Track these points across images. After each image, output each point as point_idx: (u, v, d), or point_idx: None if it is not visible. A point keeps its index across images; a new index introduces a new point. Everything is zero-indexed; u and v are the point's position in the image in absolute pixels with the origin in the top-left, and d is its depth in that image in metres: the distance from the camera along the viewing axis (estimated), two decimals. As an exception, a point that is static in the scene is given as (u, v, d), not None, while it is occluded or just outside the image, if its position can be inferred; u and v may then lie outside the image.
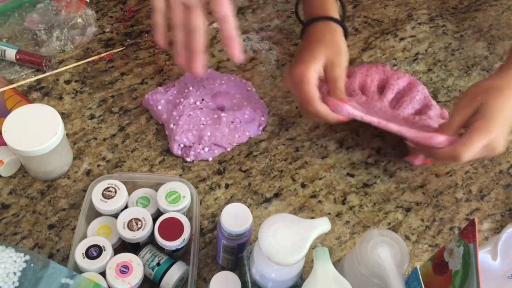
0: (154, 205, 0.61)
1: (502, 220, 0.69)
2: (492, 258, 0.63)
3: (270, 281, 0.51)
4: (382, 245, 0.52)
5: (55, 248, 0.63)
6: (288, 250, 0.47)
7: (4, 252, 0.54)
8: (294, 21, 0.88)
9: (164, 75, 0.79)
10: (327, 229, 0.49)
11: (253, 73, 0.81)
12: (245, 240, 0.57)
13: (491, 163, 0.74)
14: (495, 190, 0.72)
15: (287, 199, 0.69)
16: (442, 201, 0.70)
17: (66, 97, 0.76)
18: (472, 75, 0.84)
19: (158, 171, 0.70)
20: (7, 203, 0.66)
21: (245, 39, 0.84)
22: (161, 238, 0.57)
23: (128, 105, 0.76)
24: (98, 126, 0.73)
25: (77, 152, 0.71)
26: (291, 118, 0.76)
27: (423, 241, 0.67)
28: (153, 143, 0.72)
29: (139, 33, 0.84)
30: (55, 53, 0.79)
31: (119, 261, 0.55)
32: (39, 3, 0.82)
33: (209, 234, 0.65)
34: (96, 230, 0.59)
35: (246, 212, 0.56)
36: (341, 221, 0.68)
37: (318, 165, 0.72)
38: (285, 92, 0.79)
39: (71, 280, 0.52)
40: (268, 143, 0.74)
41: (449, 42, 0.88)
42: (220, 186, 0.69)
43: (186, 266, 0.59)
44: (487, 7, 0.94)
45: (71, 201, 0.66)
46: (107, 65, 0.80)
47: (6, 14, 0.81)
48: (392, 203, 0.70)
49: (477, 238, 0.46)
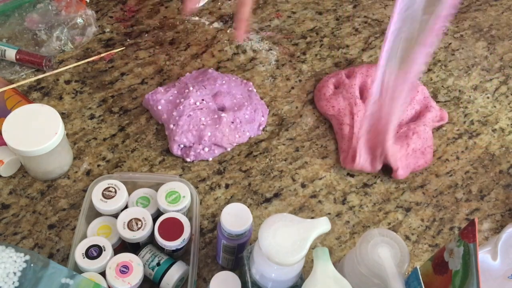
0: (154, 205, 0.61)
1: (502, 220, 0.69)
2: (492, 258, 0.63)
3: (270, 281, 0.51)
4: (382, 245, 0.52)
5: (55, 248, 0.63)
6: (288, 250, 0.47)
7: (4, 252, 0.54)
8: (294, 21, 0.88)
9: (164, 75, 0.79)
10: (327, 229, 0.49)
11: (253, 73, 0.81)
12: (245, 240, 0.57)
13: (491, 163, 0.74)
14: (495, 190, 0.72)
15: (287, 199, 0.69)
16: (442, 201, 0.70)
17: (66, 97, 0.76)
18: (472, 75, 0.84)
19: (158, 171, 0.70)
20: (7, 203, 0.66)
21: (245, 39, 0.84)
22: (161, 238, 0.57)
23: (128, 105, 0.76)
24: (98, 126, 0.73)
25: (77, 152, 0.71)
26: (291, 118, 0.76)
27: (423, 241, 0.67)
28: (153, 143, 0.72)
29: (139, 33, 0.84)
30: (55, 53, 0.79)
31: (119, 261, 0.55)
32: (39, 3, 0.82)
33: (209, 234, 0.65)
34: (96, 230, 0.59)
35: (246, 212, 0.56)
36: (341, 221, 0.68)
37: (318, 165, 0.72)
38: (285, 92, 0.79)
39: (71, 280, 0.52)
40: (268, 143, 0.74)
41: (449, 42, 0.88)
42: (220, 186, 0.69)
43: (186, 266, 0.59)
44: (487, 7, 0.94)
45: (71, 201, 0.66)
46: (107, 65, 0.80)
47: (6, 14, 0.81)
48: (392, 203, 0.70)
49: (477, 238, 0.46)
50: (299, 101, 0.78)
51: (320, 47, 0.85)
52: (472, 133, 0.77)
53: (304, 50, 0.84)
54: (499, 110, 0.80)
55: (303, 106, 0.78)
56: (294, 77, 0.81)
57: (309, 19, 0.89)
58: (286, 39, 0.85)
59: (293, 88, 0.80)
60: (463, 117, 0.79)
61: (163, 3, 0.89)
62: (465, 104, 0.80)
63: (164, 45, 0.83)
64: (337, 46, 0.85)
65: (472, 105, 0.80)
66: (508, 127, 0.78)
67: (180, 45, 0.83)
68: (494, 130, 0.78)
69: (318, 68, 0.82)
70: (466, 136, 0.77)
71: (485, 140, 0.77)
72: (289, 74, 0.81)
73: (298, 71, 0.82)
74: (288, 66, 0.82)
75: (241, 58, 0.82)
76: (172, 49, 0.82)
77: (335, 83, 0.77)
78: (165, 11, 0.88)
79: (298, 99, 0.78)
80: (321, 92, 0.77)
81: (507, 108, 0.81)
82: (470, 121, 0.79)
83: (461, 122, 0.78)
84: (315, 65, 0.83)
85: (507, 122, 0.79)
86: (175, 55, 0.82)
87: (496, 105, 0.81)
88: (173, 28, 0.85)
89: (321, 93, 0.77)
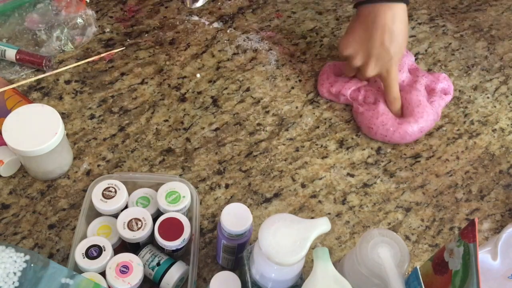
0: (154, 205, 0.61)
1: (502, 220, 0.69)
2: (492, 258, 0.63)
3: (270, 281, 0.51)
4: (382, 245, 0.52)
5: (55, 248, 0.63)
6: (288, 250, 0.47)
7: (4, 252, 0.54)
8: (294, 21, 0.88)
9: (164, 75, 0.79)
10: (327, 229, 0.49)
11: (253, 73, 0.81)
12: (245, 240, 0.57)
13: (491, 163, 0.74)
14: (495, 190, 0.72)
15: (287, 199, 0.69)
16: (442, 201, 0.70)
17: (66, 97, 0.76)
18: (472, 75, 0.84)
19: (158, 171, 0.70)
20: (7, 203, 0.66)
21: (245, 39, 0.84)
22: (161, 238, 0.57)
23: (128, 105, 0.76)
24: (98, 126, 0.73)
25: (77, 152, 0.71)
26: (291, 118, 0.76)
27: (423, 241, 0.67)
28: (153, 143, 0.72)
29: (139, 33, 0.84)
30: (55, 53, 0.79)
31: (119, 261, 0.55)
32: (39, 3, 0.82)
33: (209, 234, 0.65)
34: (96, 230, 0.59)
35: (246, 212, 0.56)
36: (341, 221, 0.68)
37: (318, 165, 0.72)
38: (285, 92, 0.79)
39: (71, 280, 0.52)
40: (268, 143, 0.74)
41: (449, 42, 0.88)
42: (220, 186, 0.69)
43: (186, 266, 0.59)
44: (487, 7, 0.94)
45: (71, 201, 0.66)
46: (107, 65, 0.80)
47: (6, 14, 0.81)
48: (392, 203, 0.70)
49: (477, 238, 0.46)
50: (299, 101, 0.78)
51: (320, 47, 0.85)
52: (472, 133, 0.77)
53: (304, 50, 0.84)
54: (499, 110, 0.80)
55: (303, 106, 0.78)
56: (294, 77, 0.81)
57: (309, 19, 0.89)
58: (286, 39, 0.85)
59: (293, 88, 0.80)
60: (463, 117, 0.79)
61: (163, 3, 0.89)
62: (465, 104, 0.80)
63: (164, 45, 0.83)
64: (337, 46, 0.85)
65: (472, 105, 0.80)
66: (508, 127, 0.78)
67: (180, 45, 0.83)
68: (494, 130, 0.78)
69: (318, 68, 0.82)
70: (466, 136, 0.77)
71: (485, 140, 0.77)
72: (289, 74, 0.81)
73: (298, 71, 0.82)
74: (288, 66, 0.82)
75: (241, 58, 0.82)
76: (172, 49, 0.82)
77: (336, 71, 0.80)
78: (165, 11, 0.88)
79: (298, 99, 0.78)
80: (322, 77, 0.78)
81: (507, 108, 0.81)
82: (470, 121, 0.79)
83: (461, 122, 0.78)
84: (315, 65, 0.83)
85: (507, 122, 0.79)
86: (175, 55, 0.82)
87: (496, 105, 0.81)
88: (173, 28, 0.85)
89: (323, 77, 0.78)
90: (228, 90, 0.79)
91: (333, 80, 0.77)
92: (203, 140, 0.73)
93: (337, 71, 0.79)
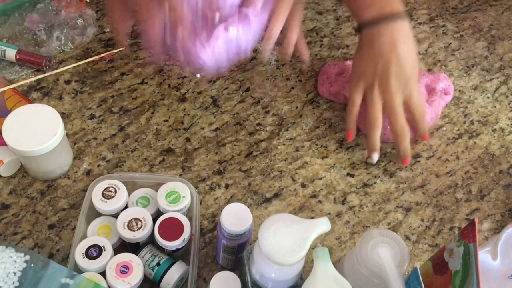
0: (154, 205, 0.61)
1: (502, 220, 0.69)
2: (492, 258, 0.63)
3: (270, 281, 0.51)
4: (382, 245, 0.52)
5: (55, 248, 0.63)
6: (288, 250, 0.47)
7: (4, 252, 0.54)
8: (294, 21, 0.88)
9: (164, 75, 0.79)
10: (327, 229, 0.49)
11: (253, 73, 0.81)
12: (245, 240, 0.57)
13: (491, 163, 0.74)
14: (495, 190, 0.72)
15: (287, 199, 0.69)
16: (442, 201, 0.70)
17: (66, 97, 0.76)
18: (472, 75, 0.84)
19: (158, 171, 0.70)
20: (7, 203, 0.66)
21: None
22: (161, 238, 0.57)
23: (128, 105, 0.76)
24: (98, 126, 0.73)
25: (77, 152, 0.71)
26: (291, 118, 0.76)
27: (423, 241, 0.67)
28: (153, 143, 0.72)
29: (139, 33, 0.84)
30: (55, 53, 0.79)
31: (119, 261, 0.55)
32: (39, 3, 0.82)
33: (209, 234, 0.65)
34: (96, 230, 0.59)
35: (246, 212, 0.56)
36: (341, 221, 0.68)
37: (318, 165, 0.72)
38: (285, 92, 0.79)
39: (71, 280, 0.52)
40: (268, 143, 0.74)
41: (449, 42, 0.88)
42: (220, 186, 0.69)
43: (186, 266, 0.59)
44: (487, 7, 0.94)
45: (71, 201, 0.66)
46: (107, 65, 0.80)
47: (6, 14, 0.81)
48: (392, 203, 0.70)
49: (477, 238, 0.46)
50: (299, 101, 0.78)
51: (320, 47, 0.85)
52: (472, 133, 0.77)
53: (304, 50, 0.84)
54: (499, 110, 0.80)
55: (303, 106, 0.78)
56: (294, 77, 0.81)
57: (309, 19, 0.89)
58: (286, 39, 0.85)
59: (293, 88, 0.80)
60: (463, 117, 0.79)
61: (163, 3, 0.88)
62: (465, 104, 0.80)
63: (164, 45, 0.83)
64: (337, 46, 0.85)
65: (472, 105, 0.80)
66: (508, 127, 0.78)
67: (180, 45, 0.83)
68: (494, 130, 0.78)
69: (318, 68, 0.82)
70: (466, 136, 0.77)
71: (485, 140, 0.77)
72: (289, 74, 0.81)
73: (298, 71, 0.82)
74: (288, 66, 0.82)
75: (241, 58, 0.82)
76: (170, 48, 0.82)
77: (338, 71, 0.79)
78: (165, 11, 0.87)
79: (298, 99, 0.78)
80: (322, 77, 0.78)
81: (507, 108, 0.81)
82: (470, 121, 0.79)
83: (461, 122, 0.78)
84: (315, 65, 0.83)
85: (507, 122, 0.79)
86: (175, 55, 0.82)
87: (496, 105, 0.81)
88: (173, 28, 0.85)
89: (322, 77, 0.78)
90: (228, 90, 0.79)
91: (333, 80, 0.77)
92: (203, 140, 0.73)
93: (337, 71, 0.79)
